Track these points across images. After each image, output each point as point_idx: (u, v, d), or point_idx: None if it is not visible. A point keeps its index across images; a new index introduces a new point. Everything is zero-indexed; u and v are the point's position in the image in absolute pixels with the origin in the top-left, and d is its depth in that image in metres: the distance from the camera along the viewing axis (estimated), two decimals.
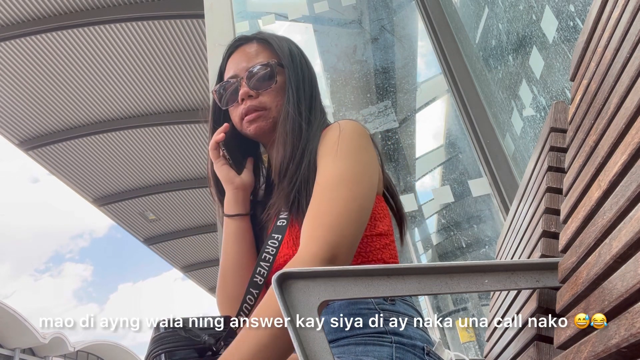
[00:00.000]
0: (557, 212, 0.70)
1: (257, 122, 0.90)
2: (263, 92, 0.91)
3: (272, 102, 0.90)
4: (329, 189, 0.76)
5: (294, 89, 0.90)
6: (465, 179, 2.29)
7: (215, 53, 2.45)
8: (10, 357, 19.96)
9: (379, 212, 0.86)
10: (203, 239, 8.59)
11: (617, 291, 0.38)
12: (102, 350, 24.99)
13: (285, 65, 0.92)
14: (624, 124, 0.44)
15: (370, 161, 0.82)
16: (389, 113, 2.65)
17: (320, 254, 0.67)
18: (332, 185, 0.76)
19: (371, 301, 0.75)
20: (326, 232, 0.70)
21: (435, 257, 2.78)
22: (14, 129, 5.73)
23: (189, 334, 0.63)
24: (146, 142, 6.34)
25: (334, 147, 0.80)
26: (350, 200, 0.74)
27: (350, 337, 0.71)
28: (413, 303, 0.82)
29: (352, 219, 0.72)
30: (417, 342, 0.73)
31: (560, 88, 1.68)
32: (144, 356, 0.66)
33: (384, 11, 3.02)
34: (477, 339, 2.18)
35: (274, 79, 0.91)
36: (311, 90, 0.94)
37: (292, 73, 0.92)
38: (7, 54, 4.82)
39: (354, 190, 0.76)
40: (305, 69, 0.95)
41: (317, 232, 0.70)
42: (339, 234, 0.70)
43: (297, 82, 0.91)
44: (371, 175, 0.81)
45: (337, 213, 0.72)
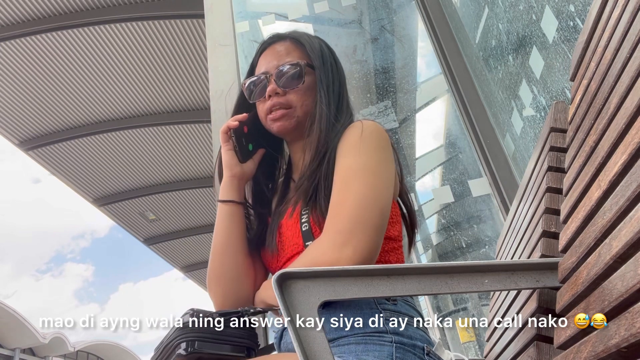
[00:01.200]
0: (557, 212, 0.70)
1: (281, 121, 0.92)
2: (290, 90, 0.93)
3: (298, 101, 0.92)
4: (346, 181, 0.78)
5: (325, 89, 0.92)
6: (465, 179, 2.29)
7: (215, 53, 2.45)
8: (10, 357, 19.96)
9: (393, 217, 0.87)
10: (203, 239, 8.59)
11: (617, 291, 0.38)
12: (102, 350, 24.98)
13: (317, 67, 0.95)
14: (624, 124, 0.44)
15: (388, 160, 0.84)
16: (389, 113, 2.65)
17: (332, 241, 0.69)
18: (348, 177, 0.78)
19: (373, 300, 0.75)
20: (337, 220, 0.72)
21: (435, 257, 2.78)
22: (14, 129, 5.73)
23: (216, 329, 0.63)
24: (146, 142, 6.34)
25: (355, 144, 0.82)
26: (367, 189, 0.76)
27: (350, 336, 0.71)
28: (414, 303, 0.82)
29: (368, 206, 0.74)
30: (418, 342, 0.73)
31: (560, 88, 1.68)
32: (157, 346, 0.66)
33: (384, 11, 3.02)
34: (477, 339, 2.18)
35: (302, 79, 0.93)
36: (340, 89, 0.96)
37: (322, 74, 0.94)
38: (7, 54, 4.82)
39: (370, 181, 0.77)
40: (335, 69, 0.98)
41: (330, 222, 0.73)
42: (353, 220, 0.71)
43: (327, 83, 0.94)
44: (389, 171, 0.82)
45: (352, 201, 0.74)
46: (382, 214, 0.75)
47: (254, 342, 0.67)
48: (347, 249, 0.69)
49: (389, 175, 0.82)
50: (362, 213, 0.73)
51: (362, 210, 0.73)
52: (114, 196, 7.09)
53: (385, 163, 0.83)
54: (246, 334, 0.65)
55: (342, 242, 0.70)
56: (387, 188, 0.79)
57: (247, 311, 0.69)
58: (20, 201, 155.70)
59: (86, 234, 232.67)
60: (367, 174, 0.78)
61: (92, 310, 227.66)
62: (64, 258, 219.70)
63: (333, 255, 0.69)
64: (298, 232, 0.83)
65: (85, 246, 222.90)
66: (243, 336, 0.65)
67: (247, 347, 0.65)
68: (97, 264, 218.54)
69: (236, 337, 0.64)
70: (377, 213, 0.74)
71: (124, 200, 7.17)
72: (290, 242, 0.85)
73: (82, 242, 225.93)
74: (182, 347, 0.62)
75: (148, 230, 8.04)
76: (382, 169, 0.81)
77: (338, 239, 0.70)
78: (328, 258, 0.68)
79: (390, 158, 0.85)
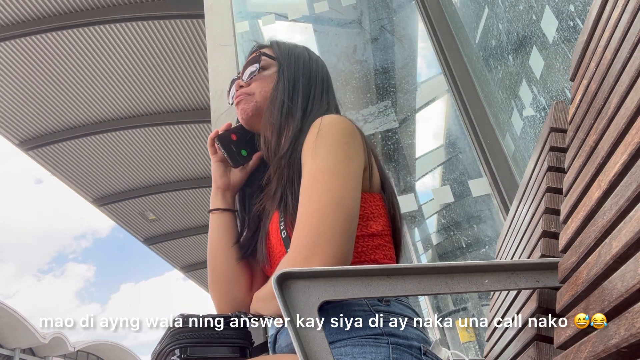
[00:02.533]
0: (557, 212, 0.70)
1: (241, 105, 0.96)
2: (251, 81, 0.97)
3: (257, 88, 0.96)
4: (307, 189, 0.75)
5: (285, 79, 0.95)
6: (465, 179, 2.29)
7: (215, 53, 2.45)
8: (10, 357, 19.95)
9: (373, 212, 0.84)
10: (203, 239, 8.58)
11: (617, 291, 0.38)
12: (102, 350, 24.98)
13: (277, 58, 0.98)
14: (624, 124, 0.44)
15: (351, 155, 0.80)
16: (389, 113, 2.65)
17: (295, 257, 0.68)
18: (309, 185, 0.75)
19: (365, 303, 0.74)
20: (299, 234, 0.70)
21: (435, 257, 2.78)
22: (14, 129, 5.73)
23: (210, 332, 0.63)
24: (146, 142, 6.34)
25: (312, 146, 0.80)
26: (328, 194, 0.73)
27: (346, 339, 0.71)
28: (409, 303, 0.81)
29: (330, 213, 0.71)
30: (414, 342, 0.73)
31: (560, 88, 1.68)
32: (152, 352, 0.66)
33: (384, 11, 3.02)
34: (477, 339, 2.18)
35: (258, 66, 0.97)
36: (308, 85, 0.96)
37: (285, 66, 0.97)
38: (7, 54, 4.82)
39: (329, 184, 0.74)
40: (305, 65, 0.98)
41: (296, 237, 0.71)
42: (315, 232, 0.69)
43: (289, 74, 0.96)
44: (352, 168, 0.78)
45: (314, 211, 0.71)
46: (348, 218, 0.72)
47: (248, 341, 0.67)
48: (314, 261, 0.67)
49: (353, 172, 0.78)
50: (325, 222, 0.70)
51: (325, 219, 0.70)
52: (114, 196, 7.09)
53: (347, 160, 0.78)
54: (239, 334, 0.65)
55: (308, 256, 0.67)
56: (351, 188, 0.76)
57: (239, 316, 0.69)
58: (22, 202, 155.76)
59: (88, 234, 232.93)
60: (327, 178, 0.75)
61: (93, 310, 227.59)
62: (65, 258, 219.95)
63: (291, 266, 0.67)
64: (280, 240, 0.83)
65: (87, 246, 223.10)
66: (236, 336, 0.65)
67: (241, 347, 0.65)
68: (99, 264, 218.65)
69: (229, 338, 0.64)
70: (342, 218, 0.71)
71: (124, 200, 7.17)
72: (276, 250, 0.85)
73: (83, 243, 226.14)
74: (176, 353, 0.62)
75: (148, 230, 8.04)
76: (343, 168, 0.77)
77: (303, 253, 0.68)
78: None
79: (354, 152, 0.80)
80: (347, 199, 0.74)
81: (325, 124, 0.81)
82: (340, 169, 0.76)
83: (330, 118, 0.83)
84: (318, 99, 0.96)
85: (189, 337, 0.62)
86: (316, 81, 0.98)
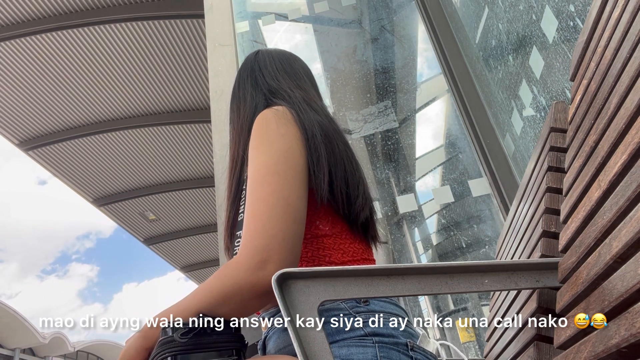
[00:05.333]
0: (557, 212, 0.70)
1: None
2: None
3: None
4: (250, 191, 0.73)
5: (240, 72, 1.00)
6: (465, 179, 2.29)
7: (215, 53, 2.45)
8: (10, 357, 19.96)
9: (318, 210, 0.80)
10: (203, 239, 8.59)
11: (617, 291, 0.38)
12: (102, 350, 25.00)
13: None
14: (624, 124, 0.44)
15: (290, 147, 0.76)
16: (389, 113, 2.65)
17: (248, 262, 0.65)
18: (251, 186, 0.73)
19: (344, 306, 0.73)
20: (250, 237, 0.68)
21: (435, 257, 2.78)
22: (14, 129, 5.73)
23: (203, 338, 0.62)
24: (146, 142, 6.34)
25: (252, 145, 0.77)
26: (270, 196, 0.70)
27: (331, 343, 0.70)
28: (391, 299, 0.78)
29: (276, 216, 0.68)
30: (400, 338, 0.72)
31: (560, 88, 1.68)
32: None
33: (384, 11, 3.02)
34: (477, 339, 2.18)
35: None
36: (254, 70, 0.98)
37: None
38: (7, 54, 4.83)
39: (273, 184, 0.71)
40: (238, 79, 1.00)
41: (245, 238, 0.69)
42: (263, 235, 0.67)
43: (242, 67, 1.00)
44: (293, 162, 0.75)
45: (259, 214, 0.69)
46: (295, 220, 0.70)
47: (242, 342, 0.66)
48: (269, 266, 0.65)
49: (295, 167, 0.74)
50: (273, 225, 0.68)
51: (273, 222, 0.68)
52: (114, 196, 7.09)
53: (285, 154, 0.74)
54: (231, 336, 0.64)
55: (262, 260, 0.65)
56: (295, 186, 0.73)
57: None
58: (26, 202, 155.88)
59: (91, 234, 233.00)
60: (270, 177, 0.72)
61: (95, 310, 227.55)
62: (69, 258, 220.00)
63: (255, 273, 0.65)
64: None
65: (90, 247, 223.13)
66: (229, 339, 0.64)
67: (235, 349, 0.64)
68: (102, 265, 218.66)
69: (221, 342, 0.63)
70: (289, 220, 0.69)
71: (124, 200, 7.18)
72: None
73: (87, 243, 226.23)
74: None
75: (148, 230, 8.05)
76: (283, 165, 0.73)
77: (257, 257, 0.66)
78: (250, 278, 0.64)
79: (291, 142, 0.76)
80: (293, 197, 0.71)
81: (260, 121, 0.78)
82: (280, 166, 0.73)
83: (264, 113, 0.80)
84: (267, 82, 0.95)
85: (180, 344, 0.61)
86: (245, 85, 0.98)
